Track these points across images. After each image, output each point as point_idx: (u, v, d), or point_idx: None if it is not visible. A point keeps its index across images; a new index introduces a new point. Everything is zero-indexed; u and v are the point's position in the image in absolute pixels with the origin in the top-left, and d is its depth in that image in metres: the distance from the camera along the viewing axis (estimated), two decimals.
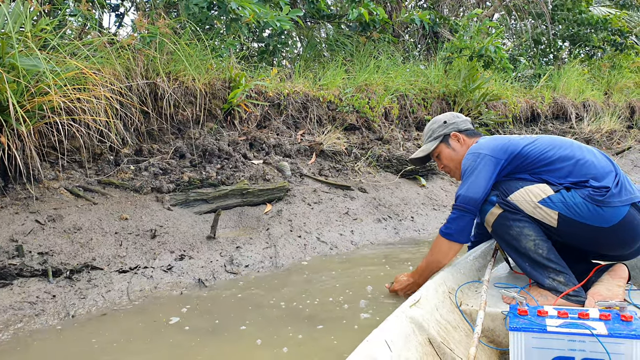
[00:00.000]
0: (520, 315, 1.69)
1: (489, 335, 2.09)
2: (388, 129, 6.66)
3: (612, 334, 1.55)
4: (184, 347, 2.37)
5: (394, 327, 1.68)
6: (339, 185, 5.13)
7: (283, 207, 4.43)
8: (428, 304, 1.98)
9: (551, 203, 2.17)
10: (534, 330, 1.60)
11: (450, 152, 2.70)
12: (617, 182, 2.15)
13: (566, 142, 2.36)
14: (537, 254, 2.19)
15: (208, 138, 4.78)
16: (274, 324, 2.60)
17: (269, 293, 3.09)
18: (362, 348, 1.50)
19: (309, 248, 4.00)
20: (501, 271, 2.67)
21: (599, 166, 2.21)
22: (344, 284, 3.21)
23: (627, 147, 9.03)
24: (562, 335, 1.59)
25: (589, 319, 1.65)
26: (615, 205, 2.08)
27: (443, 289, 2.20)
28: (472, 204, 2.28)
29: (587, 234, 2.15)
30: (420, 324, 1.80)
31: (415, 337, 1.75)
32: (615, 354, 1.54)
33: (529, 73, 10.17)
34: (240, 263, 3.57)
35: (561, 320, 1.64)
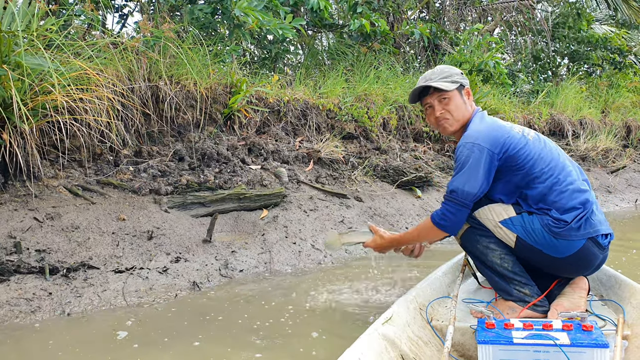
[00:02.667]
0: (488, 328, 1.76)
1: (460, 350, 2.14)
2: (386, 139, 6.72)
3: (574, 344, 1.63)
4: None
5: (366, 344, 1.72)
6: (335, 193, 5.18)
7: (279, 213, 4.47)
8: (400, 320, 2.03)
9: (511, 225, 2.25)
10: (501, 342, 1.67)
11: (461, 103, 2.42)
12: (583, 215, 2.14)
13: (555, 156, 2.29)
14: (503, 267, 2.28)
15: (207, 142, 4.82)
16: (235, 340, 2.52)
17: (246, 303, 3.09)
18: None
19: (304, 255, 4.04)
20: (470, 286, 2.73)
21: (574, 195, 2.18)
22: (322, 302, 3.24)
23: (622, 166, 9.11)
24: (527, 346, 1.66)
25: (552, 329, 1.73)
26: (570, 239, 2.14)
27: (414, 306, 2.25)
28: (470, 199, 2.21)
29: (542, 259, 2.24)
30: (393, 340, 1.84)
31: (388, 354, 1.79)
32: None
33: (527, 89, 10.26)
34: (235, 267, 3.60)
35: (527, 332, 1.72)
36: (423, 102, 2.51)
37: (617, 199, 8.04)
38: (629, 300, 2.27)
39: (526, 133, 2.34)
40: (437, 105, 2.43)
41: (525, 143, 2.26)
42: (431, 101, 2.44)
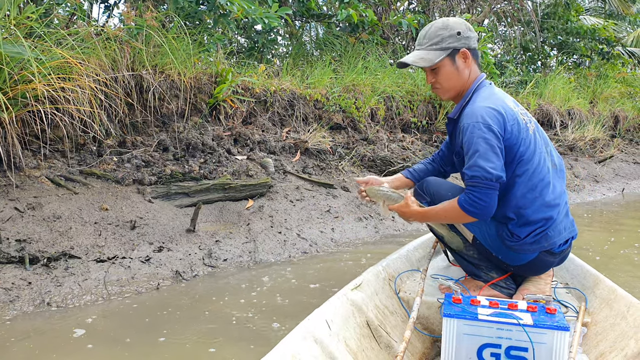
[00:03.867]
0: (454, 303, 1.78)
1: (424, 323, 2.19)
2: (373, 129, 6.70)
3: (537, 325, 1.66)
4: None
5: (334, 307, 1.76)
6: (322, 183, 5.16)
7: (265, 203, 4.45)
8: (369, 288, 2.06)
9: (470, 224, 2.21)
10: (466, 317, 1.69)
11: (453, 71, 2.20)
12: (541, 232, 2.09)
13: (542, 159, 2.17)
14: (469, 255, 2.30)
15: (192, 132, 4.79)
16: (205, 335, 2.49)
17: (224, 294, 3.07)
18: (303, 325, 1.56)
19: (289, 244, 4.03)
20: (440, 263, 2.76)
21: (542, 209, 2.10)
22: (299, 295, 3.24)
23: (609, 156, 9.16)
24: (492, 323, 1.68)
25: (517, 309, 1.75)
26: (522, 253, 2.13)
27: (383, 276, 2.28)
28: (495, 179, 1.98)
29: (497, 260, 2.25)
30: (360, 306, 1.88)
31: (354, 319, 1.83)
32: (538, 343, 1.65)
33: (516, 79, 10.27)
34: (218, 257, 3.59)
35: (492, 310, 1.73)
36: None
37: (605, 188, 8.08)
38: (592, 289, 2.31)
39: (527, 122, 2.18)
40: (428, 74, 2.27)
41: (526, 135, 2.11)
42: (423, 67, 2.26)
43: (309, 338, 1.54)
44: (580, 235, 5.04)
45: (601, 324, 2.05)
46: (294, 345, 1.46)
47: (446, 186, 2.32)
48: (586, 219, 6.04)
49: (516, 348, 1.67)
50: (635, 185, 8.67)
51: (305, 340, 1.52)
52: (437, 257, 2.85)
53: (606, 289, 2.22)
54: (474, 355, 1.70)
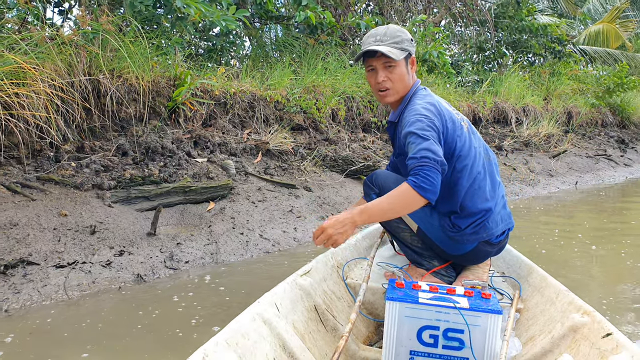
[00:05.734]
0: (397, 287, 1.88)
1: (369, 308, 2.31)
2: (335, 129, 6.80)
3: (472, 308, 1.77)
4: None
5: (284, 291, 1.84)
6: (284, 184, 5.23)
7: (226, 205, 4.49)
8: (317, 275, 2.16)
9: (415, 215, 2.32)
10: (407, 301, 1.79)
11: (405, 73, 2.27)
12: (480, 222, 2.20)
13: (477, 154, 2.28)
14: (413, 244, 2.43)
15: (151, 136, 4.79)
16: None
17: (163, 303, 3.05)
18: (253, 307, 1.64)
19: (251, 245, 4.08)
20: (386, 252, 2.90)
21: (481, 199, 2.22)
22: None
23: (563, 151, 9.48)
24: (431, 306, 1.78)
25: (455, 294, 1.86)
26: (462, 243, 2.27)
27: (332, 264, 2.39)
28: (441, 162, 2.00)
29: (439, 250, 2.38)
30: (309, 291, 1.97)
31: (303, 303, 1.93)
32: (474, 325, 1.76)
33: (472, 79, 10.53)
34: (180, 259, 3.62)
35: (432, 294, 1.85)
36: (367, 62, 2.32)
37: (559, 182, 8.37)
38: (526, 278, 2.45)
39: (463, 122, 2.32)
40: (380, 71, 2.27)
41: (461, 132, 2.24)
42: (376, 65, 2.28)
43: (258, 319, 1.62)
44: (531, 227, 5.25)
45: (532, 310, 2.19)
46: (243, 325, 1.54)
47: (393, 178, 2.43)
48: (539, 211, 6.27)
49: (453, 330, 1.77)
50: (588, 178, 9.01)
51: (254, 321, 1.60)
52: (383, 246, 2.98)
53: (538, 277, 2.36)
54: (414, 336, 1.80)
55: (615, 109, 12.80)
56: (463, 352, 1.78)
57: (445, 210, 2.27)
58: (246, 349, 1.49)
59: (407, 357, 1.83)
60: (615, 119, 12.80)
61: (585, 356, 1.66)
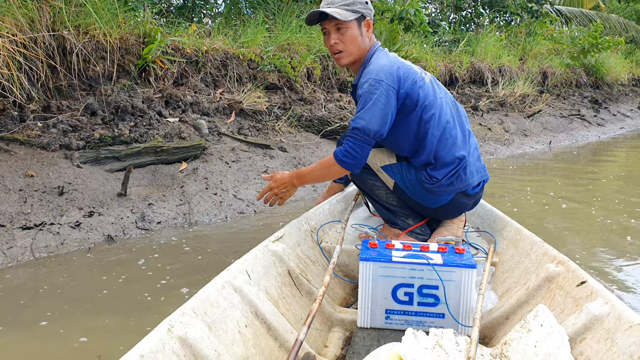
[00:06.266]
0: (371, 247, 1.87)
1: (344, 270, 2.31)
2: (310, 89, 6.71)
3: (446, 264, 1.77)
4: None
5: (255, 258, 1.81)
6: (258, 144, 5.16)
7: (199, 165, 4.42)
8: (290, 240, 2.14)
9: (391, 171, 2.35)
10: (381, 260, 1.78)
11: (358, 35, 2.28)
12: (455, 172, 2.22)
13: (443, 103, 2.30)
14: (388, 202, 2.42)
15: (121, 95, 4.66)
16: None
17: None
18: (222, 275, 1.61)
19: (225, 205, 4.04)
20: (361, 214, 2.89)
21: (454, 148, 2.24)
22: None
23: (537, 111, 9.53)
24: (404, 264, 1.78)
25: (428, 251, 1.86)
26: (440, 195, 2.27)
27: (306, 228, 2.36)
28: (374, 135, 2.13)
29: (416, 205, 2.39)
30: (281, 257, 1.95)
31: (276, 269, 1.90)
32: (448, 281, 1.76)
33: (449, 38, 10.44)
34: (152, 220, 3.56)
35: (405, 252, 1.84)
36: (322, 25, 2.33)
37: (533, 142, 8.45)
38: (500, 232, 2.46)
39: (423, 74, 2.33)
40: (332, 33, 2.28)
41: (422, 84, 2.26)
42: (328, 27, 2.29)
43: (227, 287, 1.57)
44: (504, 186, 5.29)
45: (508, 263, 2.20)
46: (211, 293, 1.49)
47: None
48: (513, 170, 6.32)
49: (428, 286, 1.77)
50: (561, 137, 9.10)
51: (223, 289, 1.55)
52: (358, 208, 2.96)
53: (513, 230, 2.37)
54: (388, 295, 1.80)
55: (589, 70, 12.87)
56: (438, 308, 1.79)
57: (421, 163, 2.26)
58: (216, 317, 1.45)
59: (382, 316, 1.83)
60: (590, 80, 12.89)
61: (561, 305, 1.67)
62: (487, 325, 1.89)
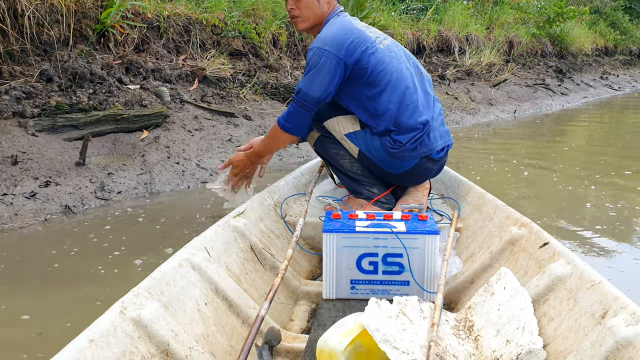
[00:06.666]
0: (334, 219, 1.84)
1: (310, 243, 2.29)
2: (276, 56, 6.58)
3: (409, 231, 1.75)
4: None
5: (215, 234, 1.76)
6: (222, 112, 5.04)
7: (161, 133, 4.30)
8: (253, 215, 2.09)
9: (355, 139, 2.31)
10: (344, 231, 1.75)
11: (314, 1, 2.29)
12: (419, 137, 2.20)
13: (404, 68, 2.27)
14: (353, 171, 2.38)
15: (79, 61, 4.46)
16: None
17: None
18: (180, 253, 1.55)
19: (188, 174, 3.95)
20: (326, 186, 2.86)
21: (416, 113, 2.21)
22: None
23: (503, 80, 9.60)
24: (368, 234, 1.76)
25: (392, 219, 1.84)
26: (404, 160, 2.25)
27: (269, 202, 2.32)
28: (312, 102, 2.16)
29: (381, 172, 2.36)
30: (243, 232, 1.90)
31: (237, 244, 1.85)
32: (412, 248, 1.75)
33: (417, 6, 10.35)
34: (112, 189, 3.46)
35: (369, 222, 1.82)
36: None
37: (498, 111, 8.52)
38: (464, 197, 2.46)
39: (380, 40, 2.28)
40: (289, 0, 2.32)
41: (375, 50, 2.21)
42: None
43: (185, 265, 1.52)
44: (469, 154, 5.33)
45: (472, 228, 2.20)
46: (168, 272, 1.43)
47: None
48: (478, 139, 6.37)
49: (392, 255, 1.75)
50: (526, 107, 9.20)
51: (181, 267, 1.49)
52: (323, 180, 2.92)
53: (476, 195, 2.37)
54: (353, 265, 1.78)
55: (554, 39, 12.99)
56: (403, 276, 1.77)
57: (383, 129, 2.22)
58: (173, 296, 1.39)
59: (348, 287, 1.80)
60: (554, 49, 13.01)
61: (524, 267, 1.68)
62: (452, 291, 1.89)
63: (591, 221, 3.21)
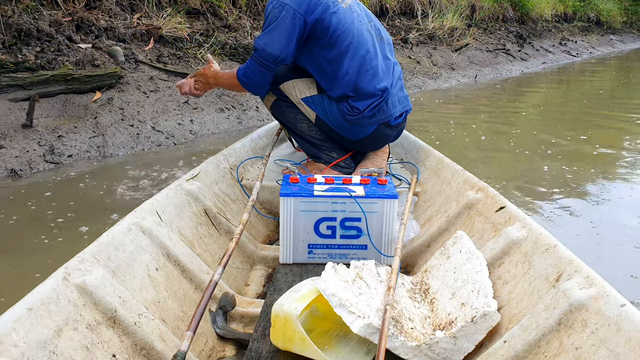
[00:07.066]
0: (291, 182, 1.81)
1: (268, 207, 2.24)
2: (235, 15, 6.39)
3: (368, 195, 1.73)
4: None
5: (167, 198, 1.70)
6: (178, 73, 4.88)
7: (114, 95, 4.14)
8: (207, 178, 2.03)
9: (312, 103, 2.25)
10: (302, 195, 1.72)
11: None
12: (377, 104, 2.16)
13: (364, 31, 2.19)
14: (311, 136, 2.32)
15: (24, 17, 4.22)
16: None
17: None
18: (129, 217, 1.49)
19: (143, 137, 3.83)
20: (285, 150, 2.81)
21: (375, 79, 2.15)
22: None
23: (465, 44, 9.60)
24: (326, 198, 1.73)
25: (351, 184, 1.82)
26: (362, 126, 2.20)
27: (224, 165, 2.26)
28: (271, 60, 2.05)
29: (339, 137, 2.31)
30: (197, 196, 1.84)
31: (190, 208, 1.80)
32: (370, 212, 1.73)
33: None
34: (62, 153, 3.32)
35: (327, 186, 1.79)
36: None
37: (460, 75, 8.54)
38: (423, 162, 2.45)
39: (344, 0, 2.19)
40: None
41: (337, 9, 2.11)
42: None
43: (134, 229, 1.45)
44: (429, 119, 5.34)
45: (430, 192, 2.20)
46: (116, 237, 1.37)
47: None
48: (438, 104, 6.39)
49: (350, 219, 1.73)
50: (487, 72, 9.25)
51: (130, 232, 1.43)
52: (281, 144, 2.85)
53: (435, 160, 2.36)
54: (311, 230, 1.75)
55: (515, 5, 13.03)
56: (361, 240, 1.76)
57: (341, 95, 2.15)
58: (121, 262, 1.33)
59: (305, 252, 1.78)
60: (516, 15, 13.07)
61: (480, 231, 1.68)
62: (409, 255, 1.89)
63: (548, 185, 3.26)
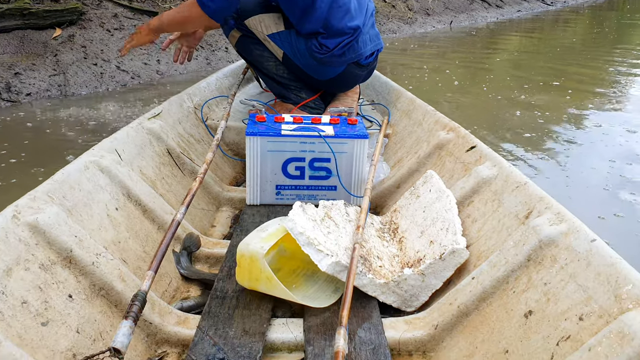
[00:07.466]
0: (258, 122, 1.74)
1: (234, 148, 2.18)
2: None
3: (337, 135, 1.68)
4: None
5: (127, 136, 1.62)
6: (145, 11, 4.67)
7: (76, 32, 3.94)
8: (170, 117, 1.95)
9: (279, 40, 2.14)
10: (269, 134, 1.67)
11: None
12: (348, 43, 2.05)
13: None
14: (278, 75, 2.23)
15: None
16: None
17: None
18: (86, 154, 1.42)
19: (107, 77, 3.68)
20: (252, 90, 2.73)
21: (347, 16, 2.03)
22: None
23: None
24: (294, 137, 1.67)
25: (320, 123, 1.76)
26: (331, 65, 2.10)
27: (189, 105, 2.18)
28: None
29: (307, 77, 2.21)
30: (159, 135, 1.77)
31: (152, 148, 1.73)
32: (339, 153, 1.69)
33: None
34: (20, 91, 3.17)
35: (296, 125, 1.74)
36: None
37: (435, 21, 8.41)
38: (394, 103, 2.40)
39: None
40: None
41: None
42: None
43: (92, 167, 1.38)
44: (403, 64, 5.26)
45: (400, 133, 2.16)
46: (72, 175, 1.29)
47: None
48: (413, 50, 6.29)
49: (319, 159, 1.68)
50: (462, 18, 9.13)
51: (87, 170, 1.36)
52: (248, 84, 2.76)
53: (406, 101, 2.31)
54: (279, 170, 1.70)
55: None
56: (330, 181, 1.72)
57: (310, 31, 2.05)
58: (77, 200, 1.26)
59: (273, 193, 1.74)
60: None
61: (450, 171, 1.66)
62: (379, 195, 1.86)
63: (520, 129, 3.26)
